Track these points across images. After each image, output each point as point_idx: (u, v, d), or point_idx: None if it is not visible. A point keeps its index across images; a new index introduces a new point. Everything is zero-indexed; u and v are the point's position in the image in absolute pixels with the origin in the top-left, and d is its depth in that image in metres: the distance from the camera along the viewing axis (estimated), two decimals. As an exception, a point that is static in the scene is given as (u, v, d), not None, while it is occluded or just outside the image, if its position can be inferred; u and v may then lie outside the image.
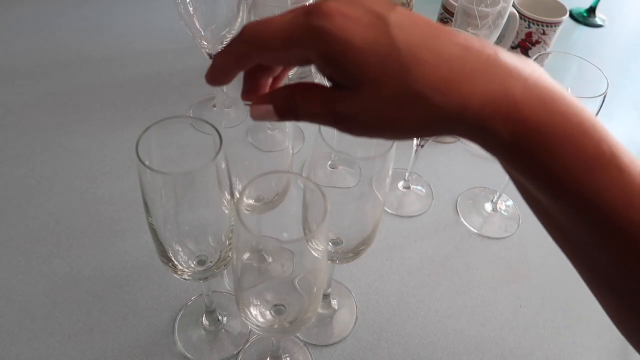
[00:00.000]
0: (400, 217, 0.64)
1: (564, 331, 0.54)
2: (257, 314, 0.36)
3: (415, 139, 0.58)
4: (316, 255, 0.31)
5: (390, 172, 0.36)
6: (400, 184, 0.67)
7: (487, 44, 0.25)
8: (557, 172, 0.23)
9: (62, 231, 0.56)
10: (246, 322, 0.36)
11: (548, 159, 0.23)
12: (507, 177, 0.59)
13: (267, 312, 0.37)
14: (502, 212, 0.66)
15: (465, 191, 0.68)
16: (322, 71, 0.25)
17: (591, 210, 0.23)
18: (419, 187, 0.68)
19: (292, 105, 0.27)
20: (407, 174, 0.66)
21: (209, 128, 0.33)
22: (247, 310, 0.35)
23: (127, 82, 0.77)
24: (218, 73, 0.28)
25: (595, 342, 0.54)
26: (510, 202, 0.68)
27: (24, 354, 0.47)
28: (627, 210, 0.22)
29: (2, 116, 0.69)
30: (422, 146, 0.59)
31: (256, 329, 0.36)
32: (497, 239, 0.63)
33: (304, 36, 0.24)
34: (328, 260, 0.41)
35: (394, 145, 0.34)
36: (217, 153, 0.32)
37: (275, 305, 0.37)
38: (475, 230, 0.63)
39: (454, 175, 0.70)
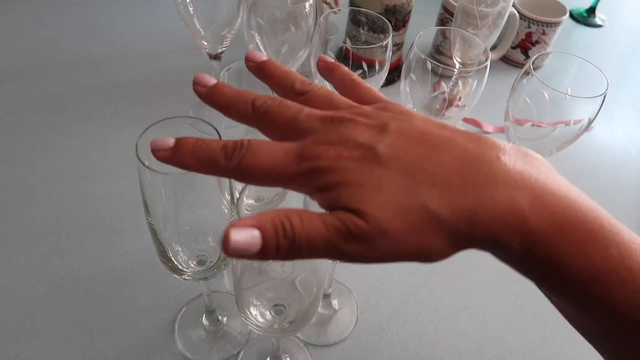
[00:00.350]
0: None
1: (564, 331, 0.54)
2: (257, 314, 0.36)
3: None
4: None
5: None
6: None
7: (486, 149, 0.24)
8: (565, 279, 0.23)
9: (62, 231, 0.56)
10: (246, 322, 0.36)
11: (558, 268, 0.23)
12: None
13: (267, 312, 0.37)
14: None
15: (465, 191, 0.68)
16: (323, 203, 0.24)
17: (601, 310, 0.23)
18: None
19: (293, 239, 0.22)
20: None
21: (209, 128, 0.33)
22: (247, 311, 0.35)
23: (127, 82, 0.77)
24: (173, 162, 0.26)
25: (595, 342, 0.54)
26: (510, 202, 0.68)
27: (24, 354, 0.47)
28: None
29: (2, 116, 0.69)
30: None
31: (256, 329, 0.36)
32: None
33: (299, 176, 0.24)
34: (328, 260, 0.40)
35: None
36: None
37: (275, 305, 0.37)
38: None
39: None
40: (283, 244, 0.22)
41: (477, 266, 0.59)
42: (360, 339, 0.51)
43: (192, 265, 0.39)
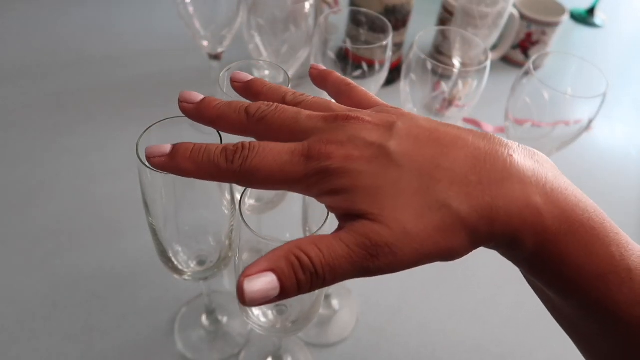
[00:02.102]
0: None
1: (563, 331, 0.54)
2: (259, 314, 0.36)
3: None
4: None
5: None
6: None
7: (497, 146, 0.24)
8: (570, 277, 0.23)
9: (62, 231, 0.56)
10: (248, 322, 0.36)
11: (563, 266, 0.23)
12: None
13: (269, 312, 0.37)
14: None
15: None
16: (332, 207, 0.24)
17: (599, 308, 0.24)
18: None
19: (307, 264, 0.21)
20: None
21: (209, 128, 0.33)
22: (248, 311, 0.35)
23: (127, 82, 0.77)
24: (170, 168, 0.25)
25: (595, 342, 0.54)
26: (510, 202, 0.68)
27: (24, 354, 0.47)
28: (635, 307, 0.23)
29: (2, 116, 0.69)
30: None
31: (258, 329, 0.36)
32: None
33: (307, 177, 0.23)
34: None
35: None
36: None
37: (277, 305, 0.37)
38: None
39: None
40: (303, 279, 0.21)
41: (477, 266, 0.59)
42: (360, 338, 0.51)
43: (192, 266, 0.39)
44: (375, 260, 0.22)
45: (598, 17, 1.10)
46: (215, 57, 0.65)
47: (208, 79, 0.73)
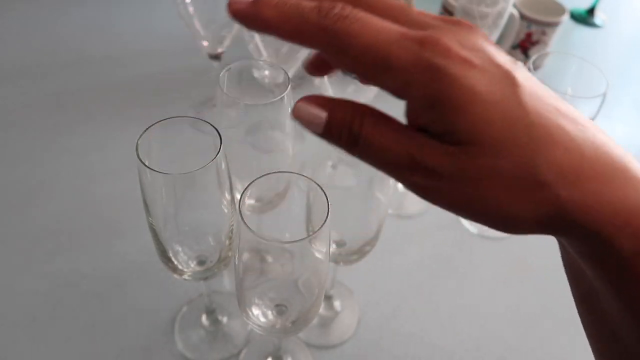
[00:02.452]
0: (400, 217, 0.64)
1: (564, 331, 0.54)
2: (259, 314, 0.36)
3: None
4: (319, 256, 0.31)
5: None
6: (401, 184, 0.67)
7: (614, 145, 0.21)
8: None
9: (62, 231, 0.56)
10: (247, 322, 0.36)
11: None
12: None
13: (269, 312, 0.37)
14: (502, 212, 0.66)
15: (465, 191, 0.68)
16: (418, 115, 0.20)
17: None
18: (419, 187, 0.68)
19: (357, 129, 0.20)
20: (407, 174, 0.66)
21: (209, 128, 0.33)
22: (248, 311, 0.35)
23: (127, 82, 0.77)
24: (250, 16, 0.21)
25: (595, 342, 0.54)
26: (510, 202, 0.68)
27: (24, 354, 0.47)
28: None
29: (2, 116, 0.69)
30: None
31: (257, 329, 0.36)
32: (497, 239, 0.63)
33: (414, 68, 0.19)
34: (331, 262, 0.40)
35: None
36: (217, 153, 0.32)
37: (277, 305, 0.37)
38: (475, 231, 0.63)
39: (454, 175, 0.70)
40: (345, 137, 0.20)
41: (477, 266, 0.59)
42: (361, 339, 0.51)
43: (192, 265, 0.39)
44: (434, 159, 0.19)
45: (598, 17, 1.10)
46: (215, 57, 0.65)
47: (208, 79, 0.73)
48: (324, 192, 0.30)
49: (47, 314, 0.49)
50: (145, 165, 0.30)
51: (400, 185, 0.67)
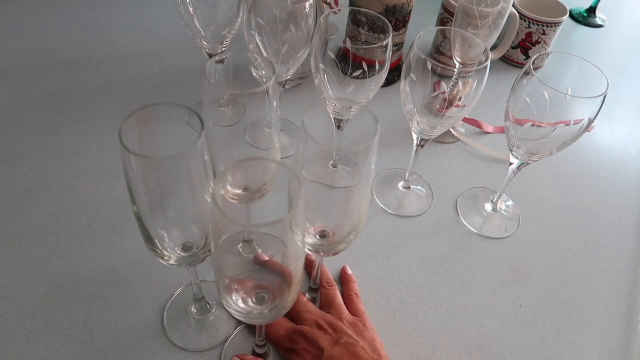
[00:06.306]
0: (400, 217, 0.64)
1: (564, 331, 0.54)
2: (239, 300, 0.37)
3: (414, 137, 0.58)
4: (297, 244, 0.32)
5: (373, 165, 0.36)
6: (400, 184, 0.67)
7: None
8: None
9: (62, 231, 0.56)
10: (227, 308, 0.36)
11: None
12: (507, 177, 0.60)
13: (249, 300, 0.38)
14: (502, 212, 0.66)
15: (465, 191, 0.68)
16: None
17: None
18: (419, 187, 0.68)
19: None
20: (407, 174, 0.66)
21: (191, 114, 0.33)
22: (228, 298, 0.36)
23: (127, 82, 0.77)
24: None
25: (595, 342, 0.54)
26: (510, 202, 0.68)
27: (24, 354, 0.47)
28: None
29: (2, 116, 0.69)
30: (422, 146, 0.59)
31: (236, 314, 0.37)
32: (497, 239, 0.63)
33: (285, 351, 0.47)
34: (315, 252, 0.42)
35: (377, 137, 0.34)
36: (199, 137, 0.32)
37: (257, 292, 0.38)
38: (475, 230, 0.63)
39: (454, 175, 0.70)
40: None
41: (477, 266, 0.59)
42: (360, 339, 0.51)
43: (178, 251, 0.40)
44: None
45: (598, 17, 1.10)
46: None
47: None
48: (297, 178, 0.30)
49: (46, 313, 0.49)
50: (129, 150, 0.30)
51: (400, 186, 0.67)
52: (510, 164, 0.57)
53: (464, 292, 0.56)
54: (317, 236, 0.42)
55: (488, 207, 0.66)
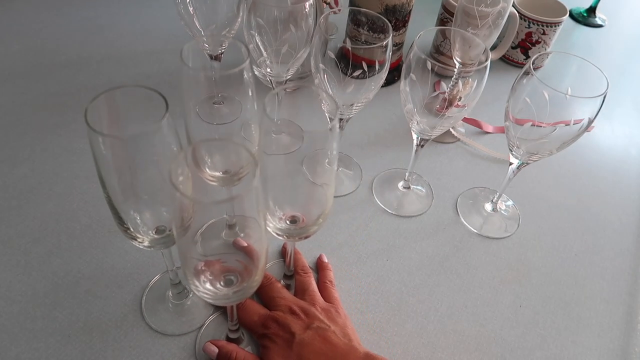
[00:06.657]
0: (400, 217, 0.64)
1: (563, 331, 0.54)
2: (207, 282, 0.37)
3: (414, 137, 0.58)
4: (261, 224, 0.32)
5: (335, 151, 0.37)
6: (400, 184, 0.67)
7: None
8: None
9: (62, 231, 0.56)
10: (194, 290, 0.37)
11: None
12: (507, 177, 0.60)
13: (217, 283, 0.38)
14: (502, 212, 0.66)
15: (465, 191, 0.68)
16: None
17: None
18: (419, 187, 0.68)
19: (233, 356, 0.45)
20: (407, 174, 0.66)
21: (156, 95, 0.34)
22: (195, 280, 0.36)
23: (127, 82, 0.77)
24: None
25: (595, 342, 0.54)
26: (510, 202, 0.68)
27: (24, 354, 0.47)
28: None
29: (2, 116, 0.69)
30: (422, 146, 0.59)
31: (204, 296, 0.37)
32: (497, 239, 0.63)
33: (259, 336, 0.47)
34: (288, 236, 0.42)
35: (336, 120, 0.35)
36: (164, 116, 0.33)
37: (226, 275, 0.39)
38: (475, 230, 0.63)
39: (454, 175, 0.70)
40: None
41: (477, 266, 0.59)
42: (360, 339, 0.51)
43: (151, 234, 0.40)
44: None
45: (598, 17, 1.10)
46: (216, 57, 0.65)
47: (208, 79, 0.73)
48: (254, 157, 0.31)
49: (46, 313, 0.49)
50: (96, 131, 0.30)
51: (400, 186, 0.67)
52: (510, 164, 0.57)
53: (464, 292, 0.56)
54: (288, 221, 0.43)
55: (488, 207, 0.66)
